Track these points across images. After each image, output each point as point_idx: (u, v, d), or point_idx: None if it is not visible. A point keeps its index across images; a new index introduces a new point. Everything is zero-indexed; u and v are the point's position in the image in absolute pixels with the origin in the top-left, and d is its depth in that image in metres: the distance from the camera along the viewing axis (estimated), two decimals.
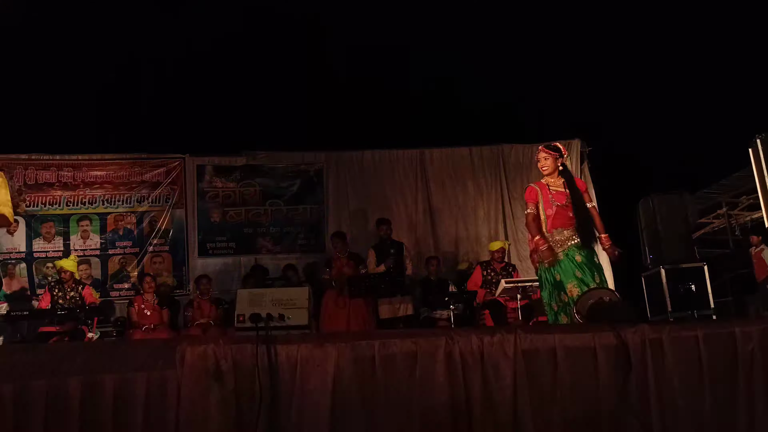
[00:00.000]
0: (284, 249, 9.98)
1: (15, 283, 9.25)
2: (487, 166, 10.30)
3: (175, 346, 3.12)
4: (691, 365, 3.40)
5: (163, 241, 9.82)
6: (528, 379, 3.26)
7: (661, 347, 3.40)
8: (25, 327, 8.33)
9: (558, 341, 3.34)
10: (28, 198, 9.46)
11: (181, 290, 9.65)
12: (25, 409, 3.00)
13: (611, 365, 3.35)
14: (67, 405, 3.01)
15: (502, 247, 8.48)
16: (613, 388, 3.32)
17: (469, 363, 3.24)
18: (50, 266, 9.27)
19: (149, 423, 3.04)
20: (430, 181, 10.22)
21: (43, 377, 3.05)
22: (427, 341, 3.25)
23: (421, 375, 3.19)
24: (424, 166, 10.28)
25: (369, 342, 3.21)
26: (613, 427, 3.28)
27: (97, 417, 3.01)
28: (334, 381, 3.11)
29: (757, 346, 3.46)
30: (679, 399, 3.35)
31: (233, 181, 10.07)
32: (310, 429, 3.05)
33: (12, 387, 3.02)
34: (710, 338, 3.45)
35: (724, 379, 3.41)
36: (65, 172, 9.70)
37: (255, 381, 3.07)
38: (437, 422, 3.15)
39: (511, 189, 10.16)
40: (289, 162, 10.27)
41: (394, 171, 10.29)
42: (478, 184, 10.19)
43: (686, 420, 3.34)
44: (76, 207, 9.66)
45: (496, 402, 3.22)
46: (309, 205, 10.17)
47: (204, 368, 3.06)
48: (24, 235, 9.36)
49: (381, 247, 8.47)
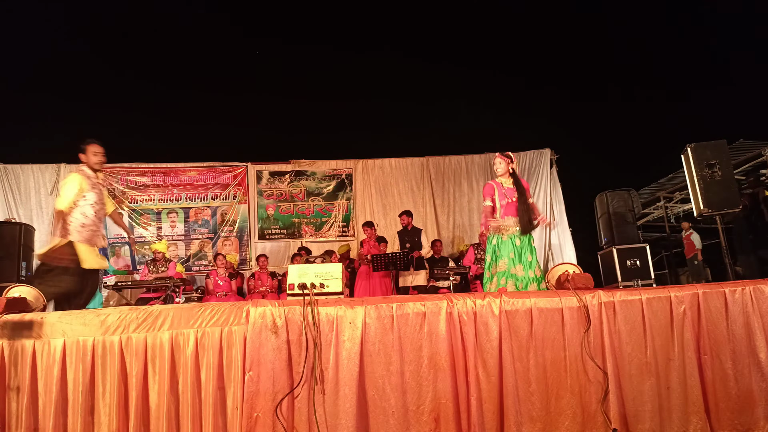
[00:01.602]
0: (323, 234, 10.02)
1: (120, 261, 9.36)
2: (478, 170, 10.24)
3: (242, 308, 3.15)
4: (636, 321, 3.38)
5: (231, 229, 9.87)
6: (510, 332, 3.26)
7: (613, 308, 3.39)
8: (129, 294, 8.46)
9: (533, 304, 3.33)
10: (130, 197, 9.55)
11: (245, 266, 9.70)
12: (130, 354, 3.06)
13: (574, 321, 3.34)
14: (161, 352, 3.06)
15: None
16: (576, 339, 3.31)
17: (465, 320, 3.24)
18: (147, 248, 9.36)
19: (223, 364, 3.08)
20: (433, 181, 10.20)
21: (143, 331, 3.10)
22: (433, 303, 3.25)
23: (428, 329, 3.20)
24: (429, 170, 10.26)
25: (388, 304, 3.22)
26: (575, 368, 3.27)
27: (184, 360, 3.06)
28: (362, 333, 3.13)
29: (687, 307, 3.43)
30: (626, 347, 3.34)
31: (284, 183, 10.11)
32: (344, 369, 3.07)
33: (119, 338, 3.07)
34: (651, 301, 3.42)
35: (662, 333, 3.39)
36: (158, 177, 9.78)
37: (302, 333, 3.09)
38: (441, 364, 3.16)
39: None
40: (326, 167, 10.30)
41: (407, 174, 10.28)
42: (471, 184, 10.15)
43: (632, 363, 3.32)
44: (166, 203, 9.74)
45: (485, 349, 3.22)
46: (341, 201, 10.19)
47: (264, 324, 3.08)
48: (127, 224, 9.46)
49: (403, 232, 8.48)
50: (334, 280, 3.51)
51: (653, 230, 13.70)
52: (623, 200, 7.61)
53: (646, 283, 6.93)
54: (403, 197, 10.11)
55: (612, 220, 7.53)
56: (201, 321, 3.11)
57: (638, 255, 7.14)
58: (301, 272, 3.53)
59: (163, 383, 3.00)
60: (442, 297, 3.31)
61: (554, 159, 10.13)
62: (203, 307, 3.16)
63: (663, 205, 12.49)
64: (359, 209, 10.14)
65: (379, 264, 7.55)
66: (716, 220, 5.84)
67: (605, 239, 7.70)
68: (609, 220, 7.59)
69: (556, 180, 10.03)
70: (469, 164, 10.29)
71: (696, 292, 3.47)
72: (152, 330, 3.09)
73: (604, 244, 7.73)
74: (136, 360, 3.02)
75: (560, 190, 9.98)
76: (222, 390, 3.04)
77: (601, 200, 7.84)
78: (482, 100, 12.69)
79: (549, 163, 10.09)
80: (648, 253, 7.18)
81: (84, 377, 2.98)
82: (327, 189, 10.21)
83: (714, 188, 5.77)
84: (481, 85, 12.76)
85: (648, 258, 7.14)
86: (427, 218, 10.04)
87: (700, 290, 3.48)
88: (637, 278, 6.97)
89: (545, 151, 10.16)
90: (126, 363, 3.03)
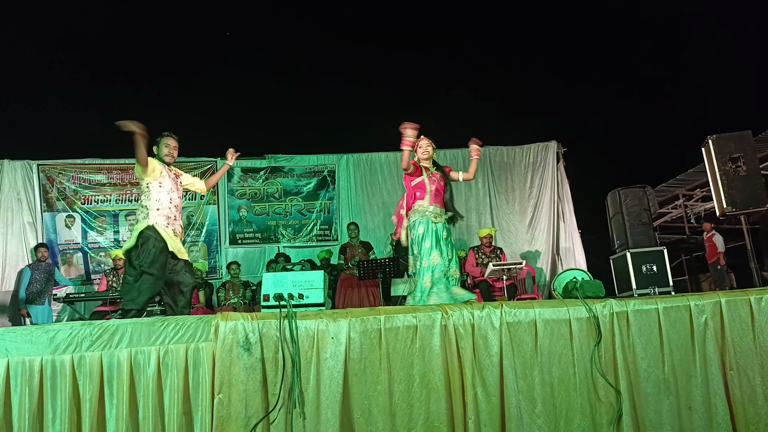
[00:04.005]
0: (302, 238, 10.01)
1: (73, 270, 9.29)
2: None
3: (211, 322, 3.14)
4: (653, 334, 3.41)
5: (199, 233, 9.82)
6: (512, 347, 3.27)
7: (626, 319, 3.41)
8: (83, 307, 8.38)
9: (538, 314, 3.35)
10: (83, 197, 9.48)
11: (214, 274, 9.65)
12: (83, 375, 3.03)
13: (584, 334, 3.36)
14: (118, 372, 3.04)
15: (490, 234, 8.44)
16: (585, 353, 3.33)
17: (462, 333, 3.25)
18: (102, 255, 9.30)
19: (189, 386, 3.06)
20: None
21: (98, 349, 3.07)
22: (426, 315, 3.26)
23: (420, 344, 3.21)
24: None
25: (375, 317, 3.22)
26: (585, 386, 3.29)
27: (144, 381, 3.04)
28: (346, 350, 3.13)
29: (709, 316, 3.46)
30: (641, 362, 3.36)
31: (258, 181, 10.09)
32: (326, 390, 3.06)
33: (71, 357, 3.04)
34: (669, 311, 3.45)
35: (681, 346, 3.42)
36: (114, 174, 9.71)
37: (279, 350, 3.09)
38: (434, 383, 3.16)
39: (497, 184, 10.14)
40: (306, 163, 10.27)
41: (398, 170, 10.25)
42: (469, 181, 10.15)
43: (648, 380, 3.34)
44: (124, 204, 9.68)
45: (485, 366, 3.23)
46: (323, 201, 10.18)
47: (235, 340, 3.07)
48: (80, 229, 9.39)
49: None
50: (315, 290, 3.51)
51: (671, 232, 13.82)
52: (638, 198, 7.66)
53: (664, 290, 6.97)
54: (393, 196, 10.10)
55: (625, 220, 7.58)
56: (164, 337, 3.10)
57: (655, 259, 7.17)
58: (277, 281, 3.52)
59: (121, 408, 2.98)
60: (435, 308, 3.32)
61: (561, 152, 10.18)
62: (166, 322, 3.14)
63: (682, 204, 12.60)
64: (343, 210, 10.14)
65: (367, 271, 7.54)
66: (741, 220, 5.90)
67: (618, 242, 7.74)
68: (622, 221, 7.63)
69: (564, 176, 10.07)
70: (466, 158, 10.32)
71: (719, 300, 3.50)
72: (108, 348, 3.06)
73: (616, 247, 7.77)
74: (90, 382, 3.00)
75: (568, 187, 10.02)
76: (188, 415, 3.02)
77: (614, 198, 7.89)
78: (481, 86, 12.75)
79: (555, 156, 10.15)
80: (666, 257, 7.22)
81: (31, 402, 2.95)
82: (307, 187, 10.20)
83: (738, 184, 5.82)
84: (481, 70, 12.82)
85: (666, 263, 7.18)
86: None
87: (723, 298, 3.51)
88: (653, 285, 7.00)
89: (551, 143, 10.20)
90: (78, 385, 3.01)
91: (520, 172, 10.15)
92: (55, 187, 9.39)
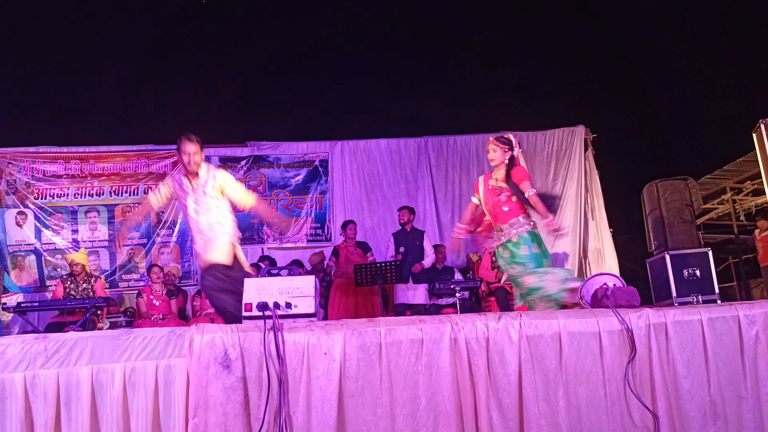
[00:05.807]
0: (290, 238, 10.00)
1: (25, 275, 9.29)
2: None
3: (185, 335, 3.14)
4: (696, 349, 3.41)
5: (171, 232, 9.83)
6: (533, 364, 3.27)
7: (665, 331, 3.41)
8: (37, 318, 8.38)
9: (562, 326, 3.35)
10: (36, 190, 9.48)
11: (188, 280, 9.66)
12: (37, 396, 3.03)
13: (615, 349, 3.36)
14: (78, 393, 3.04)
15: None
16: (618, 371, 3.33)
17: (475, 348, 3.25)
18: (59, 257, 9.30)
19: (159, 408, 3.06)
20: (434, 168, 10.14)
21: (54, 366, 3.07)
22: (433, 327, 3.26)
23: (427, 361, 3.21)
24: (428, 154, 10.21)
25: (375, 329, 3.22)
26: (618, 409, 3.29)
27: (108, 404, 3.04)
28: (341, 367, 3.13)
29: (761, 329, 3.46)
30: (683, 382, 3.36)
31: (239, 172, 10.07)
32: (318, 414, 3.06)
33: (23, 375, 3.05)
34: (714, 322, 3.45)
35: (729, 363, 3.42)
36: (72, 165, 9.71)
37: (263, 368, 3.09)
38: (443, 406, 3.16)
39: None
40: (294, 151, 10.25)
41: (400, 159, 10.23)
42: (483, 171, 10.12)
43: (691, 402, 3.34)
44: (84, 199, 9.67)
45: (501, 386, 3.23)
46: (314, 195, 10.17)
47: (212, 356, 3.08)
48: (33, 228, 9.39)
49: (401, 234, 8.43)
50: (305, 297, 3.50)
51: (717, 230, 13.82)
52: (679, 192, 7.66)
53: (709, 299, 6.98)
54: (394, 189, 10.10)
55: (664, 218, 7.58)
56: (130, 353, 3.10)
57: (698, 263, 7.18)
58: (261, 288, 3.52)
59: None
60: (444, 319, 3.32)
61: (590, 139, 10.17)
62: (132, 335, 3.14)
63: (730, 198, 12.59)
64: (337, 205, 10.13)
65: (364, 277, 7.54)
66: None
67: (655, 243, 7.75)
68: (660, 218, 7.64)
69: (593, 166, 10.06)
70: (479, 146, 10.30)
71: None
72: (66, 365, 3.07)
73: (653, 249, 7.78)
74: (45, 404, 3.00)
75: (598, 180, 10.01)
76: None
77: (651, 192, 7.89)
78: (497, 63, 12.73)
79: (583, 144, 10.14)
80: (711, 260, 7.23)
81: None
82: (295, 179, 10.20)
83: None
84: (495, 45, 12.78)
85: (711, 266, 7.19)
86: (426, 216, 10.03)
87: None
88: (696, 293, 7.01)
89: (578, 128, 10.19)
90: (32, 408, 3.01)
91: (541, 161, 10.11)
92: (3, 179, 9.39)
